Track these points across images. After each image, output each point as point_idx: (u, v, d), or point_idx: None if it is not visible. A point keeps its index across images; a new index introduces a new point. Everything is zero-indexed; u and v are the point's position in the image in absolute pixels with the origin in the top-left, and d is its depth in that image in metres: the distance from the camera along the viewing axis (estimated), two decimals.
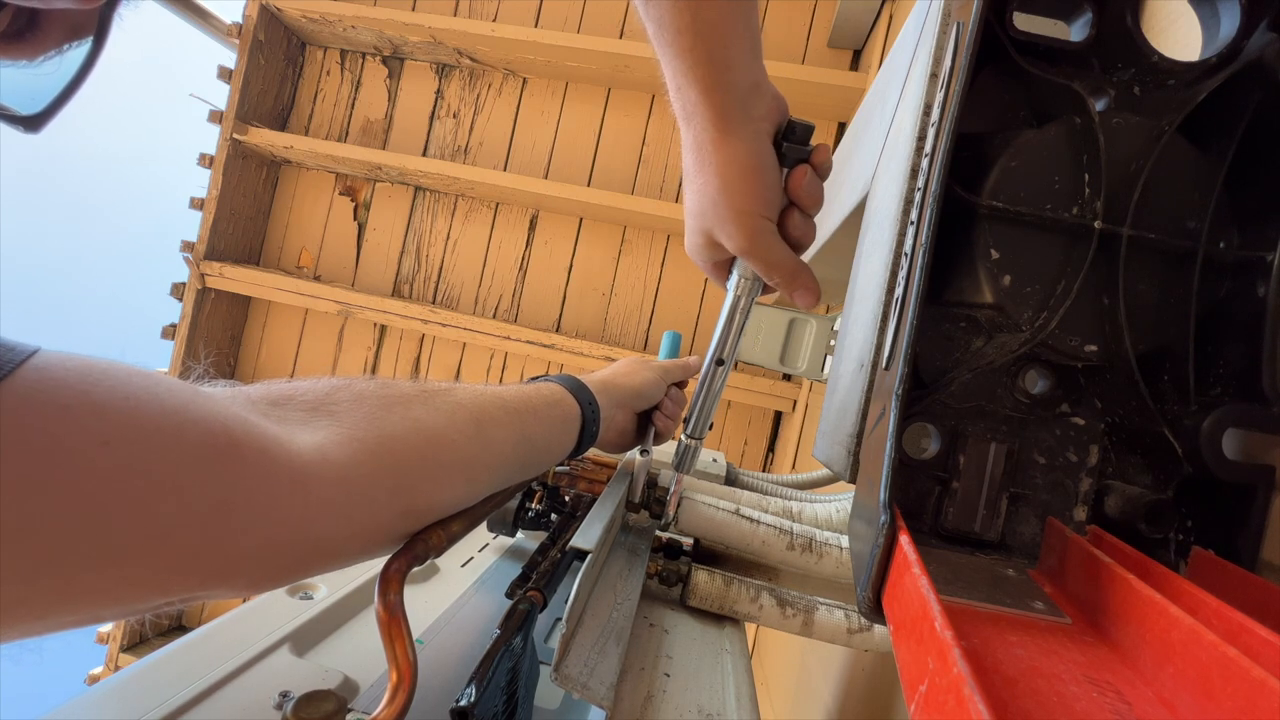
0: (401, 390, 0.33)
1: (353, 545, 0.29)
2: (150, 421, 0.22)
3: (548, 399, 0.45)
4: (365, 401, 0.31)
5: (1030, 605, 0.24)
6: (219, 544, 0.23)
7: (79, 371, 0.21)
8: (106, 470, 0.20)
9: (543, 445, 0.43)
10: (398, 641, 0.30)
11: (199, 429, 0.23)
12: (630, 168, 2.01)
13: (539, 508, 0.60)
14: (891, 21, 1.48)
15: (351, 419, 0.29)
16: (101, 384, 0.21)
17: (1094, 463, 0.29)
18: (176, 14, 1.97)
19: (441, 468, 0.33)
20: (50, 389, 0.20)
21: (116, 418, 0.21)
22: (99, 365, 0.22)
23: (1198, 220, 0.28)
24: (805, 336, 1.17)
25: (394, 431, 0.30)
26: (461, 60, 2.05)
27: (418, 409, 0.33)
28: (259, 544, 0.24)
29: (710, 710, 0.40)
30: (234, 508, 0.23)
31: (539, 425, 0.43)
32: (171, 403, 0.23)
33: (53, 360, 0.20)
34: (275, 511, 0.25)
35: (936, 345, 0.31)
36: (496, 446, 0.37)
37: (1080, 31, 0.30)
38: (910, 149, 0.35)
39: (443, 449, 0.33)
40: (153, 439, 0.22)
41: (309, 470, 0.26)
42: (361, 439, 0.29)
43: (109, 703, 0.32)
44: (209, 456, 0.23)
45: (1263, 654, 0.18)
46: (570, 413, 0.47)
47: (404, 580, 0.32)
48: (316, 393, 0.30)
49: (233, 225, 2.03)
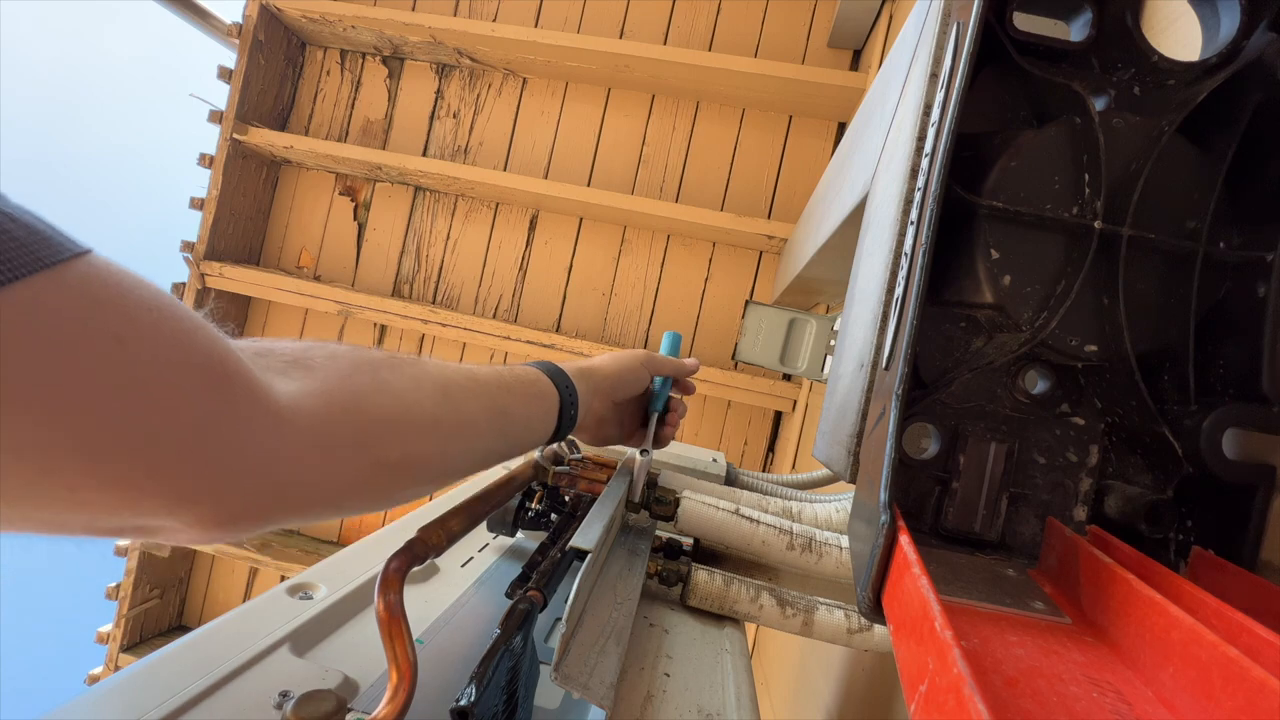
0: (371, 355, 0.36)
1: (322, 492, 0.30)
2: (165, 335, 0.24)
3: (520, 377, 0.47)
4: (338, 360, 0.33)
5: (1030, 605, 0.24)
6: (195, 464, 0.24)
7: (118, 277, 0.23)
8: (115, 366, 0.22)
9: (520, 419, 0.45)
10: (398, 641, 0.30)
11: (204, 354, 0.25)
12: (630, 168, 2.01)
13: (539, 508, 0.60)
14: (891, 21, 1.48)
15: (324, 374, 0.31)
16: (134, 292, 0.23)
17: (1094, 463, 0.29)
18: (176, 14, 1.97)
19: (409, 425, 0.34)
20: (89, 285, 0.22)
21: (138, 323, 0.23)
22: (136, 277, 0.24)
23: (1198, 220, 0.28)
24: (805, 336, 1.17)
25: (362, 389, 0.32)
26: (461, 60, 2.05)
27: (385, 372, 0.35)
28: (230, 474, 0.25)
29: (710, 710, 0.40)
30: (216, 433, 0.25)
31: (512, 399, 0.44)
32: (187, 324, 0.25)
33: (100, 262, 0.23)
34: (251, 446, 0.26)
35: (936, 345, 0.31)
36: (465, 412, 0.39)
37: (1080, 31, 0.30)
38: (910, 149, 0.35)
39: (409, 408, 0.35)
40: (163, 350, 0.23)
41: (283, 414, 0.27)
42: (332, 392, 0.31)
43: (109, 703, 0.32)
44: (206, 380, 0.25)
45: (1263, 654, 0.18)
46: (546, 392, 0.48)
47: (404, 580, 0.32)
48: (294, 349, 0.32)
49: (233, 225, 2.03)
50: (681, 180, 1.98)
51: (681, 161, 1.98)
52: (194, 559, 2.18)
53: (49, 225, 0.21)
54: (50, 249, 0.21)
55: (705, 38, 1.97)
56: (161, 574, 2.07)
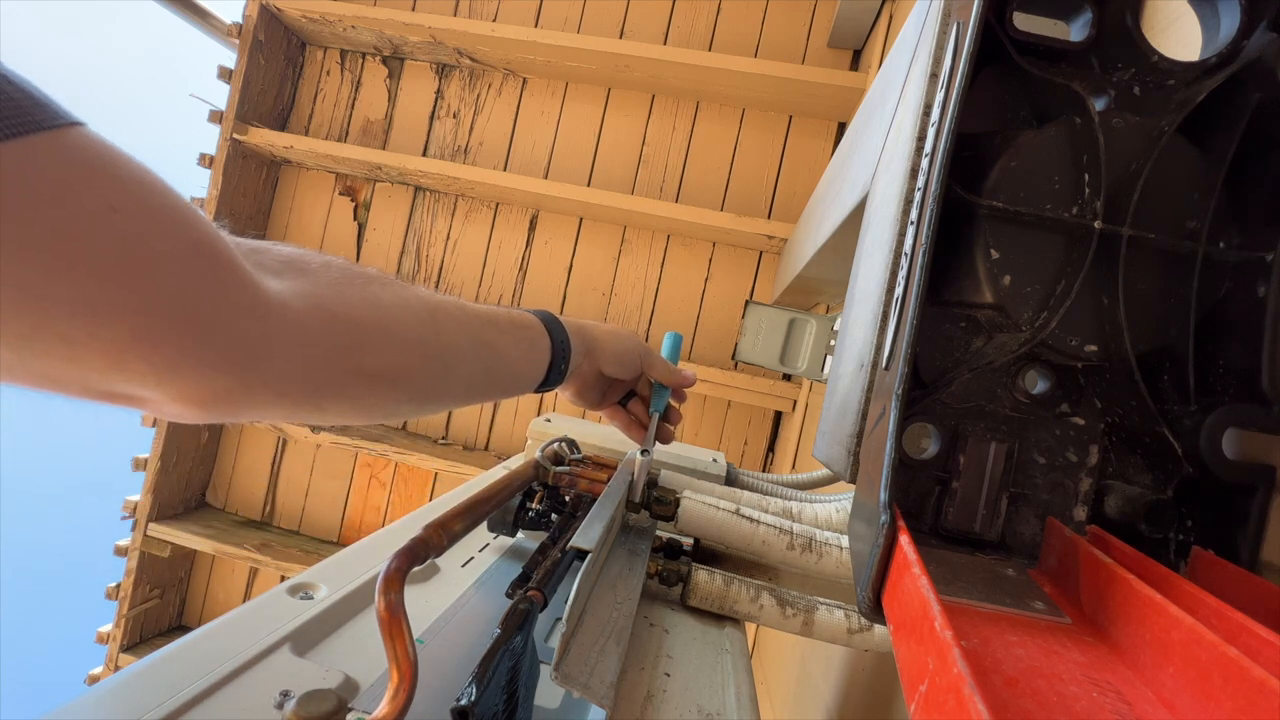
0: (364, 271, 0.36)
1: (303, 389, 0.31)
2: (157, 208, 0.24)
3: (514, 319, 0.47)
4: (331, 269, 0.34)
5: (1030, 605, 0.24)
6: (181, 333, 0.25)
7: (113, 152, 0.23)
8: (108, 229, 0.23)
9: (509, 357, 0.46)
10: (398, 641, 0.30)
11: (193, 232, 0.25)
12: (630, 168, 2.01)
13: (539, 508, 0.60)
14: (891, 21, 1.48)
15: (316, 280, 0.32)
16: (126, 166, 0.24)
17: (1094, 463, 0.29)
18: (176, 14, 1.97)
19: (393, 339, 0.35)
20: (83, 151, 0.22)
21: (130, 193, 0.23)
22: (129, 156, 0.24)
23: (1198, 220, 0.28)
24: (805, 336, 1.17)
25: (350, 297, 0.33)
26: (461, 60, 2.05)
27: (376, 286, 0.36)
28: (214, 350, 0.26)
29: (710, 710, 0.40)
30: (203, 307, 0.26)
31: (501, 336, 0.45)
32: (178, 203, 0.25)
33: (94, 135, 0.23)
34: (236, 327, 0.27)
35: (936, 345, 0.31)
36: (450, 336, 0.40)
37: (1080, 31, 0.30)
38: (910, 149, 0.35)
39: (395, 323, 0.35)
40: (154, 220, 0.24)
41: (270, 306, 0.28)
42: (321, 295, 0.32)
43: (109, 703, 0.32)
44: (194, 255, 0.25)
45: (1263, 654, 0.18)
46: (539, 339, 0.49)
47: (404, 580, 0.32)
48: (289, 252, 0.33)
49: (233, 225, 2.02)
50: (681, 180, 1.98)
51: (681, 161, 1.98)
52: (194, 559, 2.18)
53: (45, 93, 0.22)
54: (46, 114, 0.21)
55: (705, 38, 1.97)
56: (161, 574, 2.07)
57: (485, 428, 2.06)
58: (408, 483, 2.11)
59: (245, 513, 2.17)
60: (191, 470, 2.08)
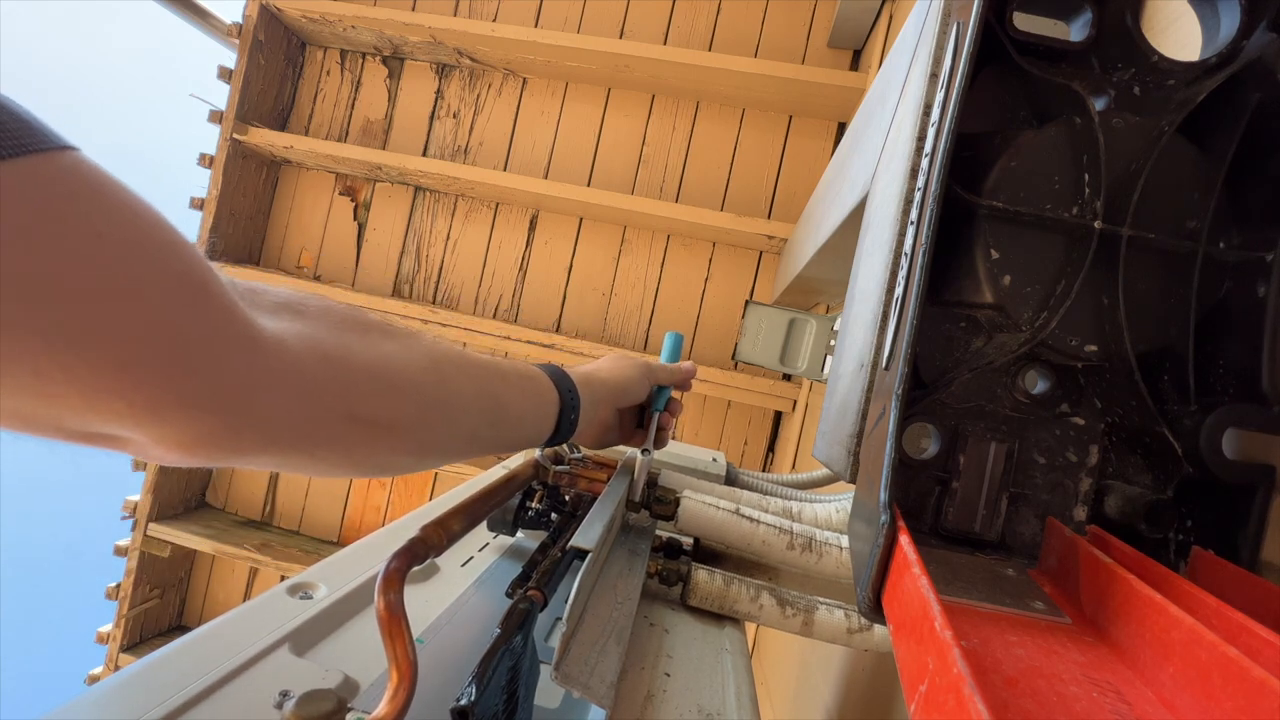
0: (365, 316, 0.35)
1: (293, 435, 0.30)
2: (146, 240, 0.23)
3: (520, 371, 0.46)
4: (330, 313, 0.33)
5: (1030, 605, 0.24)
6: (165, 371, 0.24)
7: (104, 178, 0.23)
8: (92, 258, 0.22)
9: (513, 410, 0.44)
10: (398, 640, 0.30)
11: (183, 264, 0.24)
12: (630, 168, 2.01)
13: (539, 507, 0.60)
14: (891, 21, 1.48)
15: (314, 322, 0.31)
16: (117, 195, 0.23)
17: (1094, 463, 0.29)
18: (176, 14, 1.97)
19: (392, 386, 0.34)
20: (72, 177, 0.22)
21: (119, 221, 0.23)
22: (120, 184, 0.23)
23: (1198, 220, 0.28)
24: (805, 336, 1.17)
25: (349, 342, 0.32)
26: (461, 60, 2.05)
27: (375, 335, 0.35)
28: (200, 391, 0.25)
29: (710, 710, 0.40)
30: (190, 345, 0.24)
31: (506, 388, 0.44)
32: (169, 236, 0.24)
33: (86, 160, 0.22)
34: (225, 367, 0.25)
35: (936, 345, 0.31)
36: (452, 387, 0.39)
37: (1080, 31, 0.30)
38: (910, 149, 0.35)
39: (395, 370, 0.34)
40: (142, 248, 0.23)
41: (262, 342, 0.27)
42: (318, 338, 0.30)
43: (109, 703, 0.32)
44: (184, 291, 0.24)
45: (1263, 654, 0.18)
46: (546, 393, 0.48)
47: (404, 579, 0.32)
48: (286, 295, 0.32)
49: (233, 225, 2.03)
50: (681, 180, 1.98)
51: (681, 161, 1.98)
52: (194, 559, 2.18)
53: (35, 117, 0.21)
54: (35, 137, 0.21)
55: (705, 38, 1.97)
56: (161, 574, 2.07)
57: None
58: (408, 482, 2.11)
59: (245, 513, 2.17)
60: (191, 470, 2.08)
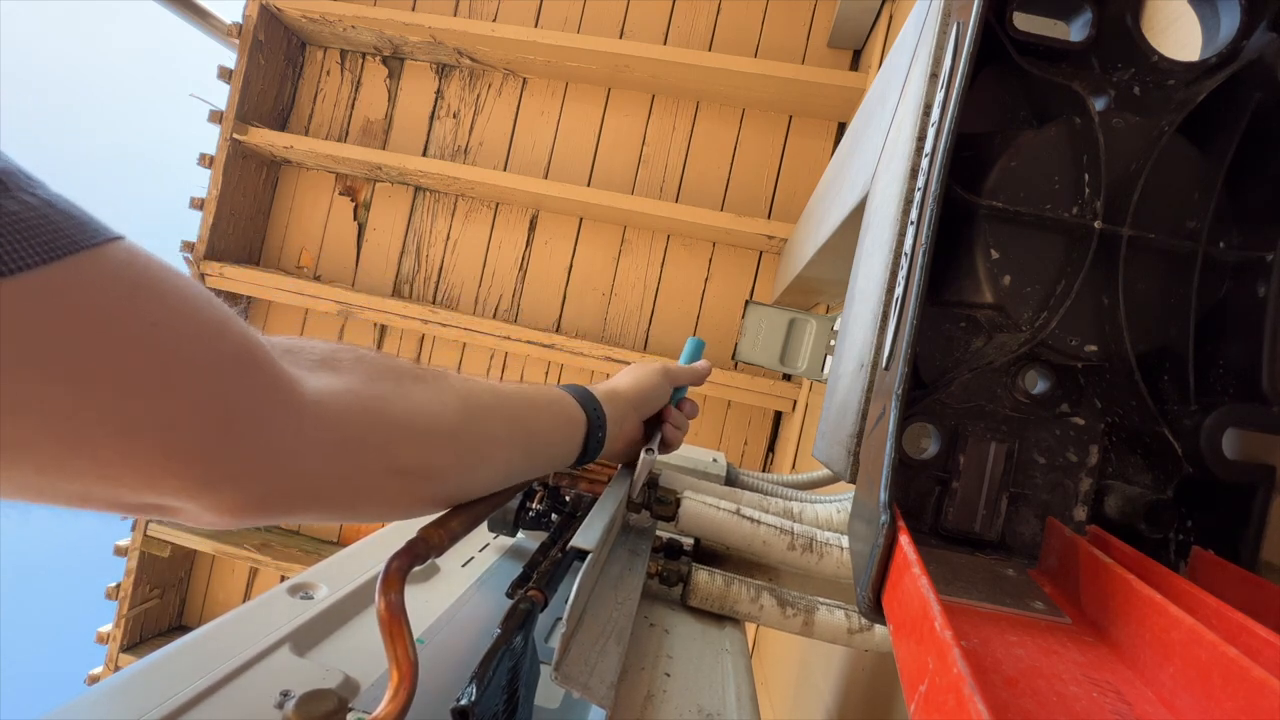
0: (398, 363, 0.36)
1: (338, 491, 0.31)
2: (198, 323, 0.25)
3: (548, 396, 0.47)
4: (363, 364, 0.33)
5: (1030, 605, 0.24)
6: (218, 449, 0.25)
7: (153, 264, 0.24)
8: (148, 348, 0.23)
9: (544, 437, 0.45)
10: (398, 640, 0.30)
11: (235, 344, 0.25)
12: (630, 168, 2.01)
13: (540, 508, 0.60)
14: (891, 21, 1.48)
15: (350, 376, 0.32)
16: (169, 280, 0.24)
17: (1094, 463, 0.29)
18: (176, 14, 1.97)
19: (428, 434, 0.35)
20: (124, 268, 0.23)
21: (171, 309, 0.24)
22: (169, 266, 0.25)
23: (1198, 220, 0.28)
24: (805, 336, 1.17)
25: (385, 393, 0.33)
26: (461, 60, 2.05)
27: (408, 382, 0.35)
28: (251, 462, 0.26)
29: (710, 710, 0.40)
30: (241, 421, 0.25)
31: (536, 415, 0.44)
32: (220, 314, 0.26)
33: (135, 248, 0.23)
34: (274, 436, 0.27)
35: (936, 345, 0.31)
36: (486, 427, 0.39)
37: (1080, 31, 0.30)
38: (910, 149, 0.35)
39: (429, 417, 0.35)
40: (195, 337, 0.24)
41: (308, 407, 0.28)
42: (356, 392, 0.31)
43: (109, 703, 0.32)
44: (236, 369, 0.25)
45: (1263, 654, 0.18)
46: (573, 414, 0.48)
47: (405, 579, 0.32)
48: (322, 349, 0.33)
49: (233, 225, 2.03)
50: (681, 180, 1.98)
51: (681, 161, 1.98)
52: (194, 559, 2.18)
53: (84, 211, 0.22)
54: (86, 233, 0.22)
55: (705, 38, 1.97)
56: (161, 574, 2.07)
57: None
58: None
59: None
60: None
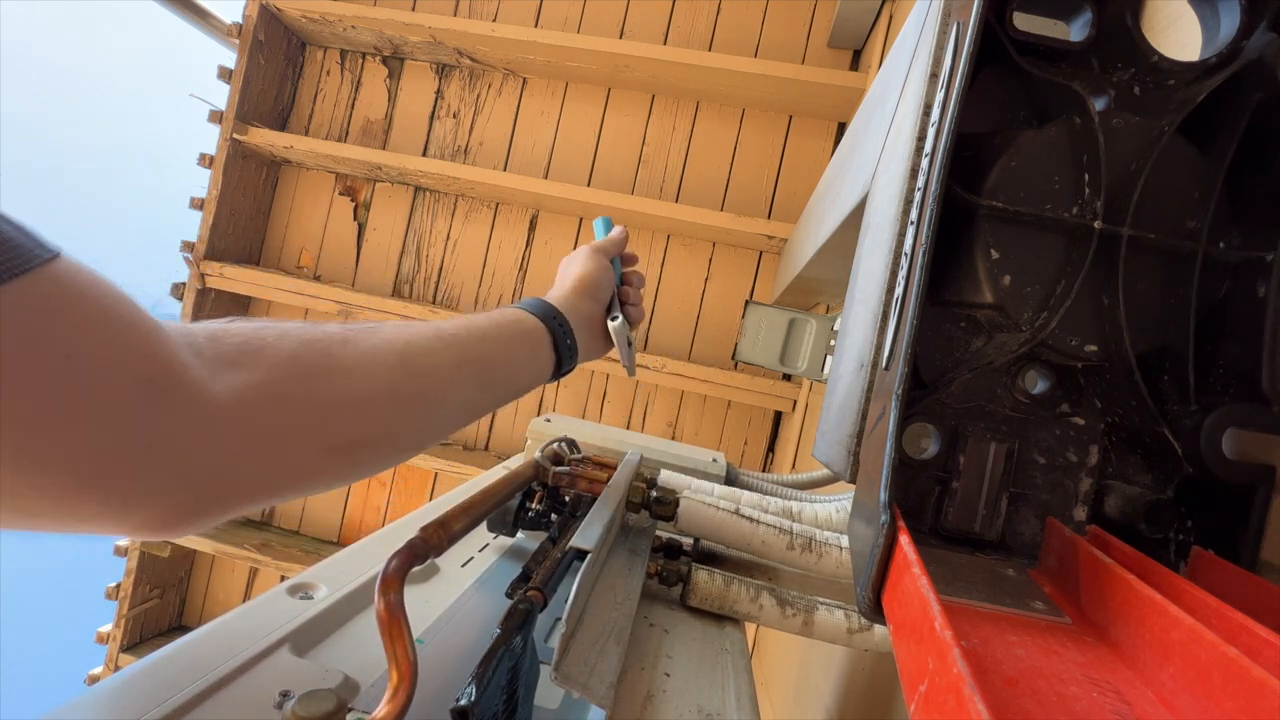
0: (324, 331, 0.35)
1: (274, 482, 0.31)
2: (112, 349, 0.24)
3: (499, 321, 0.46)
4: (287, 339, 0.33)
5: (1030, 605, 0.24)
6: (131, 475, 0.25)
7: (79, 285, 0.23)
8: (60, 383, 0.22)
9: (502, 365, 0.44)
10: (398, 641, 0.30)
11: (147, 365, 0.25)
12: (630, 168, 2.01)
13: (539, 508, 0.60)
14: (891, 21, 1.48)
15: (271, 360, 0.31)
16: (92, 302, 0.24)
17: (1094, 463, 0.29)
18: (176, 14, 1.97)
19: (359, 404, 0.34)
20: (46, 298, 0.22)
21: (88, 337, 0.23)
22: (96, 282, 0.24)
23: (1198, 220, 0.28)
24: (805, 336, 1.17)
25: (308, 370, 0.32)
26: (461, 60, 2.05)
27: (336, 348, 0.34)
28: (169, 480, 0.26)
29: (710, 710, 0.40)
30: (152, 444, 0.25)
31: (488, 346, 0.44)
32: (136, 334, 0.25)
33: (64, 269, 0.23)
34: (187, 448, 0.27)
35: (936, 345, 0.31)
36: (428, 373, 0.39)
37: (1080, 31, 0.30)
38: (910, 149, 0.35)
39: (359, 384, 0.34)
40: (107, 366, 0.24)
41: (221, 411, 0.28)
42: (275, 381, 0.31)
43: (109, 703, 0.32)
44: (146, 393, 0.25)
45: (1263, 654, 0.18)
46: (533, 330, 0.47)
47: (404, 580, 0.32)
48: (247, 330, 0.32)
49: (233, 225, 2.03)
50: (681, 180, 1.98)
51: (681, 161, 1.98)
52: (194, 559, 2.18)
53: (18, 229, 0.22)
54: (19, 259, 0.21)
55: (705, 38, 1.97)
56: (161, 574, 2.07)
57: (485, 428, 2.06)
58: (408, 483, 2.11)
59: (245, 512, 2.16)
60: None
